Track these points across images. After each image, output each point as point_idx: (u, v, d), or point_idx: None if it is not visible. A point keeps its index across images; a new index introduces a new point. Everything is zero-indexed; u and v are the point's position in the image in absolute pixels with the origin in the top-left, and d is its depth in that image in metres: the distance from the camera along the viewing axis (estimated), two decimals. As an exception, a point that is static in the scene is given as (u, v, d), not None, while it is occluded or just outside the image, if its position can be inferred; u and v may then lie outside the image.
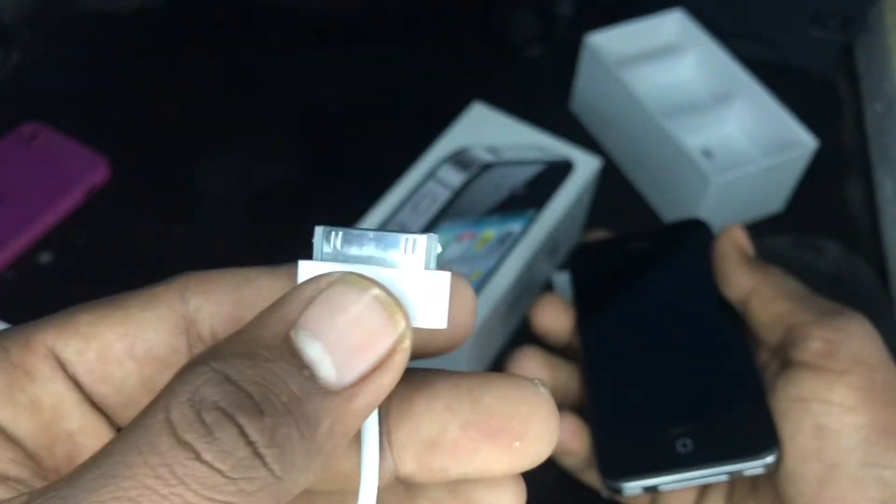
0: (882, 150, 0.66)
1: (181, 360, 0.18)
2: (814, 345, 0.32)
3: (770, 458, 0.31)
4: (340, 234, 0.17)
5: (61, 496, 0.13)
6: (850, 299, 0.42)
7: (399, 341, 0.16)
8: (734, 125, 0.64)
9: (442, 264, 0.18)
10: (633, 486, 0.32)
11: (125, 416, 0.18)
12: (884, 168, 0.65)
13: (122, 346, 0.18)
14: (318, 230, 0.18)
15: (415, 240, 0.18)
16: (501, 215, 0.52)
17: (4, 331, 0.17)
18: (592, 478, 0.35)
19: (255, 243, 0.60)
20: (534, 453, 0.18)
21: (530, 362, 0.37)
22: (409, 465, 0.18)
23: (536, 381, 0.18)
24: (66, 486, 0.14)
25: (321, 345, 0.15)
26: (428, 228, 0.51)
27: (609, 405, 0.33)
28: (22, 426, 0.16)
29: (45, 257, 0.59)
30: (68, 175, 0.61)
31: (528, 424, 0.17)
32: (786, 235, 0.58)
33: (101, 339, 0.18)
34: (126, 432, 0.15)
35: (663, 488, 0.32)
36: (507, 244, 0.51)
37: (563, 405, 0.36)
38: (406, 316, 0.16)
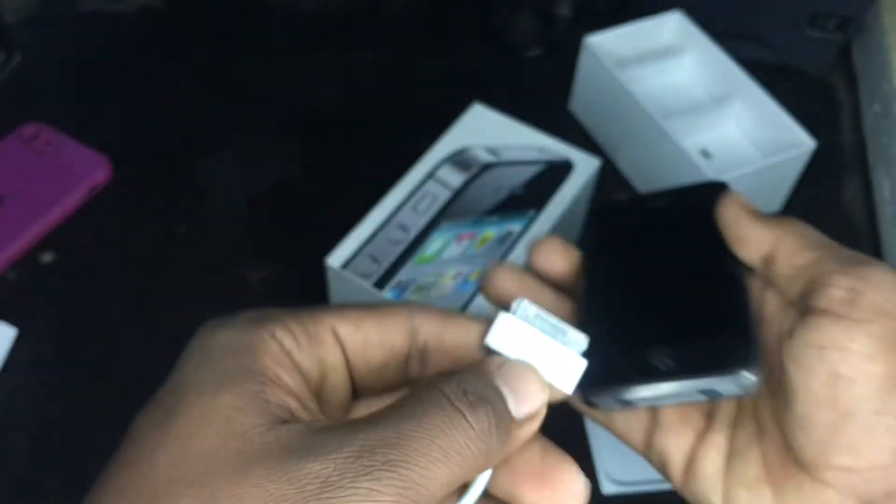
0: (880, 150, 0.66)
1: (403, 356, 0.28)
2: (836, 292, 0.31)
3: (746, 375, 0.31)
4: (534, 309, 0.28)
5: (384, 444, 0.22)
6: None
7: (539, 411, 0.27)
8: (732, 126, 0.64)
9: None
10: (606, 399, 0.32)
11: (365, 384, 0.28)
12: (882, 168, 0.65)
13: (378, 337, 0.27)
14: (521, 304, 0.28)
15: (578, 337, 0.29)
16: (501, 215, 0.53)
17: (300, 310, 0.26)
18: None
19: (256, 243, 0.61)
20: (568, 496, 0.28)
21: (506, 277, 0.36)
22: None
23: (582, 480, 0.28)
24: (375, 430, 0.23)
25: (509, 391, 0.26)
26: (428, 228, 0.51)
27: (595, 327, 0.32)
28: (313, 374, 0.26)
29: (46, 257, 0.59)
30: (70, 175, 0.61)
31: (565, 483, 0.28)
32: (784, 235, 0.58)
33: (366, 328, 0.27)
34: (409, 399, 0.24)
35: (639, 403, 0.32)
36: (506, 244, 0.51)
37: None
38: (548, 391, 0.27)
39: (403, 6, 0.77)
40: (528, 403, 0.26)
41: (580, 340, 0.29)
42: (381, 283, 0.49)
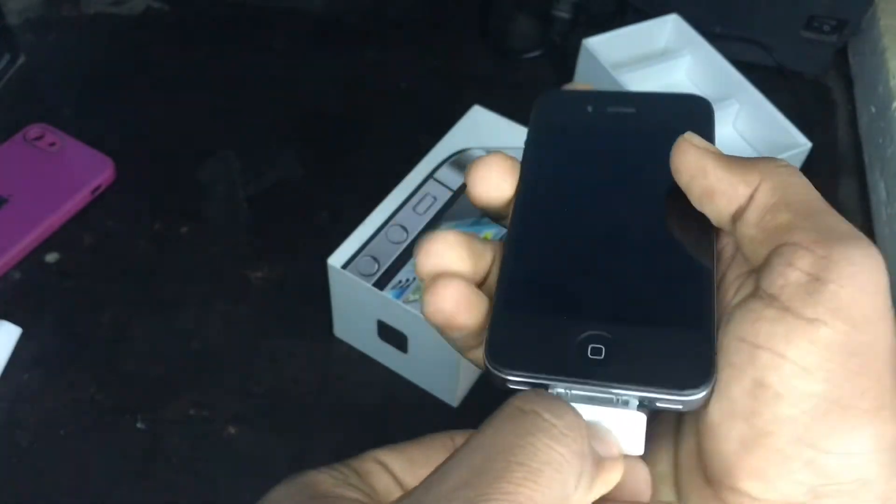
0: (875, 151, 0.66)
1: None
2: (793, 275, 0.24)
3: (693, 396, 0.24)
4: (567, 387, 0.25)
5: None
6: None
7: (620, 456, 0.24)
8: (729, 127, 0.65)
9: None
10: (519, 381, 0.25)
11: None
12: (877, 169, 0.65)
13: (422, 456, 0.27)
14: (556, 389, 0.25)
15: (627, 401, 0.25)
16: (500, 216, 0.53)
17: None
18: (478, 356, 0.28)
19: (257, 242, 0.61)
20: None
21: (441, 247, 0.28)
22: None
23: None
24: (443, 477, 0.21)
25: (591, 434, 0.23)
26: (428, 229, 0.52)
27: (520, 280, 0.27)
28: (370, 499, 0.25)
29: (51, 257, 0.59)
30: (74, 176, 0.62)
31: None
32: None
33: (409, 451, 0.27)
34: (478, 430, 0.22)
35: (557, 394, 0.25)
36: (505, 244, 0.52)
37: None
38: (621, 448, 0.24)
39: (404, 8, 0.77)
40: (605, 445, 0.23)
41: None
42: (381, 283, 0.50)
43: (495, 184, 0.29)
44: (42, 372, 0.54)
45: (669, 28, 0.68)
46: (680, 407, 0.25)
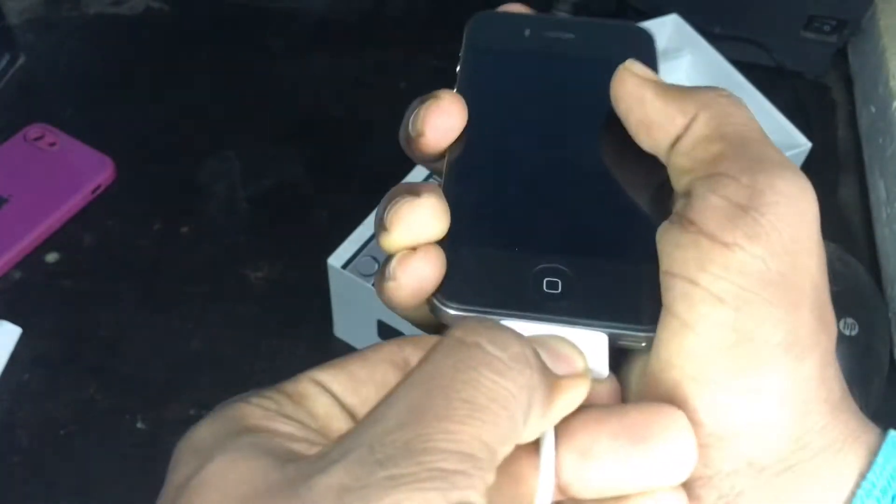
0: (875, 151, 0.66)
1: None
2: (714, 200, 0.22)
3: (651, 333, 0.23)
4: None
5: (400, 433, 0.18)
6: (844, 299, 0.43)
7: (584, 371, 0.21)
8: (729, 127, 0.65)
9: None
10: (476, 315, 0.24)
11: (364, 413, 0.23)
12: (877, 169, 0.65)
13: (364, 373, 0.22)
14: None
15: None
16: (500, 215, 0.53)
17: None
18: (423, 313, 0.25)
19: (257, 242, 0.61)
20: (674, 463, 0.21)
21: (424, 216, 0.25)
22: (568, 474, 0.21)
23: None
24: (383, 416, 0.19)
25: (540, 348, 0.21)
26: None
27: (467, 214, 0.25)
28: (309, 423, 0.21)
29: (51, 257, 0.59)
30: (74, 176, 0.62)
31: (667, 434, 0.21)
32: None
33: (349, 369, 0.23)
34: (414, 369, 0.20)
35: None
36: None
37: None
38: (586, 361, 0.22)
39: (404, 8, 0.77)
40: (564, 363, 0.21)
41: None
42: (381, 283, 0.50)
43: (451, 126, 0.27)
44: (42, 372, 0.54)
45: (669, 28, 0.68)
46: (643, 344, 0.23)
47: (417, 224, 0.24)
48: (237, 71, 0.72)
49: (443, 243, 0.24)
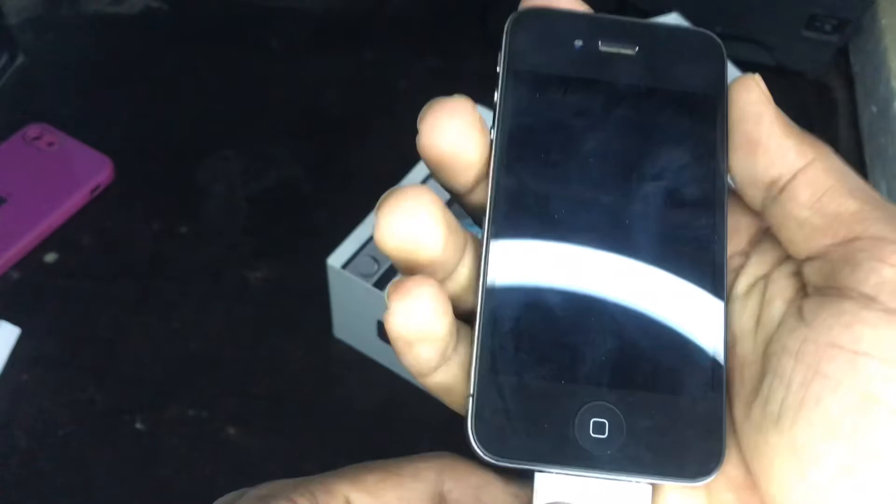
0: (877, 151, 0.66)
1: None
2: (888, 272, 0.20)
3: (705, 481, 0.21)
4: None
5: None
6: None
7: None
8: (730, 127, 0.65)
9: None
10: (513, 469, 0.22)
11: None
12: (878, 169, 0.65)
13: (394, 496, 0.22)
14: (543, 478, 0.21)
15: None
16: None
17: (311, 478, 0.22)
18: (441, 384, 0.22)
19: (256, 243, 0.61)
20: None
21: (416, 209, 0.21)
22: None
23: None
24: None
25: None
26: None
27: (502, 331, 0.21)
28: None
29: (50, 257, 0.59)
30: (73, 175, 0.62)
31: None
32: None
33: (384, 497, 0.22)
34: None
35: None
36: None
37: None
38: None
39: (404, 8, 0.77)
40: None
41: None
42: (380, 284, 0.49)
43: (457, 136, 0.23)
44: (41, 372, 0.54)
45: (670, 27, 0.67)
46: (688, 486, 0.22)
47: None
48: (237, 71, 0.72)
49: (474, 365, 0.21)
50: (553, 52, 0.25)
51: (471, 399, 0.21)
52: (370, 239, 0.51)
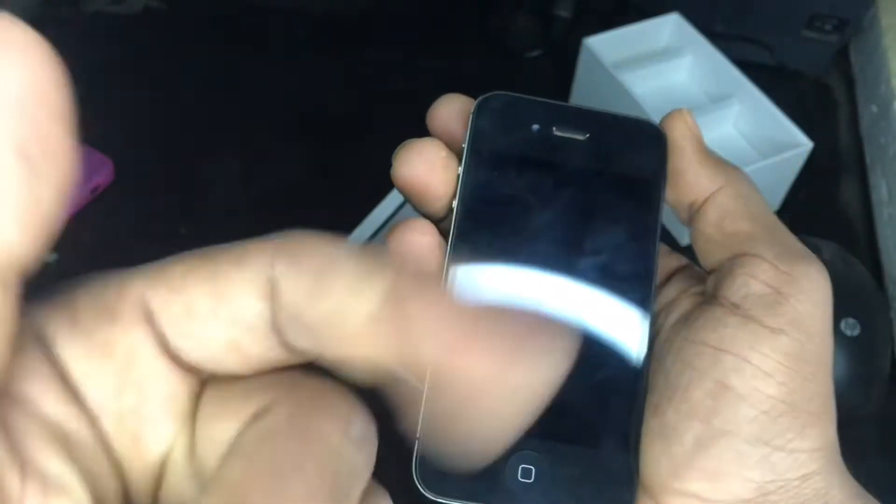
0: (877, 151, 0.66)
1: (263, 326, 0.17)
2: (757, 287, 0.25)
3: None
4: None
5: None
6: (845, 299, 0.42)
7: None
8: (730, 126, 0.65)
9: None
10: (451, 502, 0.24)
11: (207, 371, 0.17)
12: (879, 169, 0.65)
13: (208, 304, 0.17)
14: None
15: None
16: (500, 216, 0.53)
17: (107, 274, 0.17)
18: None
19: (257, 243, 0.61)
20: None
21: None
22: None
23: None
24: None
25: None
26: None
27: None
28: (94, 371, 0.16)
29: (49, 257, 0.59)
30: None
31: None
32: (781, 236, 0.58)
33: (189, 293, 0.17)
34: None
35: None
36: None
37: None
38: None
39: (403, 8, 0.77)
40: None
41: None
42: (381, 283, 0.49)
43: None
44: (41, 372, 0.54)
45: (670, 27, 0.67)
46: None
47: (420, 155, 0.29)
48: (237, 70, 0.72)
49: (423, 409, 0.20)
50: (512, 133, 0.28)
51: (417, 442, 0.24)
52: (370, 239, 0.51)
